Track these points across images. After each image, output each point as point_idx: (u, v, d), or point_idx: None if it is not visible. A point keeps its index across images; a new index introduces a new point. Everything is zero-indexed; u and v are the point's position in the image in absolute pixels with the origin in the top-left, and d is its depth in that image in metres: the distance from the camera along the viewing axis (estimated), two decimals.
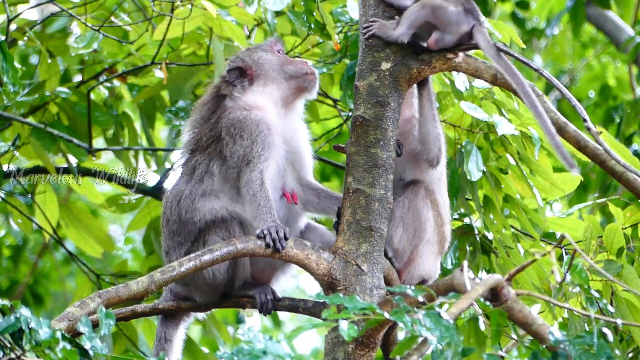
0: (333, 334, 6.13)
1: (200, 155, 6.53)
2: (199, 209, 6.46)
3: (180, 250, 6.49)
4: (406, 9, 6.37)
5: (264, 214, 6.28)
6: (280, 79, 6.63)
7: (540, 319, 5.30)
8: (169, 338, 6.67)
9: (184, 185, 6.52)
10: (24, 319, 5.08)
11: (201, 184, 6.49)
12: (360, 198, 6.31)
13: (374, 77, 6.39)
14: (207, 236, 6.42)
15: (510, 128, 7.02)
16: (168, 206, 6.55)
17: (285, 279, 6.70)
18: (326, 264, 6.24)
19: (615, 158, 5.85)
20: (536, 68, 6.16)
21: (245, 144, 6.41)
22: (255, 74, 6.62)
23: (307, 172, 6.66)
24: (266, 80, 6.62)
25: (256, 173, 6.37)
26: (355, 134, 6.38)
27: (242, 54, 6.73)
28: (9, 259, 12.31)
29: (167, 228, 6.55)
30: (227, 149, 6.45)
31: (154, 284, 5.96)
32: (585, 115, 5.90)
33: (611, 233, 6.94)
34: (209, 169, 6.49)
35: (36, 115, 9.10)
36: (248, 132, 6.43)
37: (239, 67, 6.62)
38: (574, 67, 14.65)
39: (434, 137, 6.59)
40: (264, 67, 6.63)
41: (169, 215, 6.54)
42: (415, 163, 6.69)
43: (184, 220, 6.47)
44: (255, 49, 6.75)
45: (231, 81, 6.60)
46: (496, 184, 7.33)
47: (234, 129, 6.46)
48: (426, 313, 5.03)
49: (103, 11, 8.81)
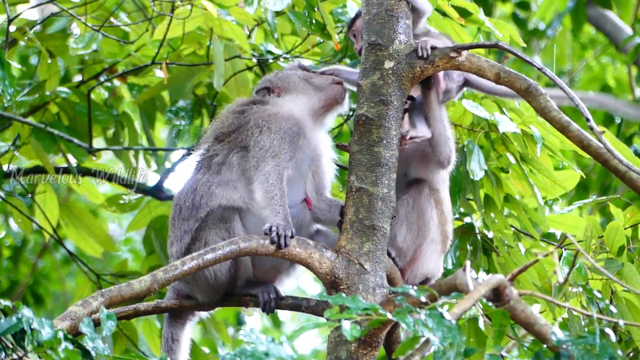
0: (336, 333, 6.13)
1: (220, 147, 6.55)
2: (215, 194, 6.46)
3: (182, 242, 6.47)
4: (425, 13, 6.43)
5: (277, 205, 6.28)
6: (308, 90, 6.67)
7: (542, 319, 5.29)
8: (176, 338, 6.67)
9: (202, 175, 6.53)
10: (26, 320, 5.07)
11: (218, 174, 6.50)
12: (363, 197, 6.31)
13: (377, 76, 6.39)
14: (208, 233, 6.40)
15: (511, 126, 7.02)
16: (183, 194, 6.54)
17: (289, 281, 6.71)
18: (329, 262, 6.24)
19: (618, 157, 5.85)
20: (539, 67, 6.16)
21: (273, 137, 6.43)
22: (283, 88, 6.68)
23: (327, 184, 6.69)
24: (296, 93, 6.67)
25: (279, 168, 6.37)
26: (359, 132, 6.38)
27: (268, 76, 6.81)
28: (9, 259, 12.31)
29: (179, 216, 6.53)
30: (252, 138, 6.46)
31: (157, 283, 5.94)
32: (588, 114, 5.89)
33: (612, 231, 6.95)
34: (228, 159, 6.50)
35: (36, 115, 9.10)
36: (277, 125, 6.47)
37: (267, 88, 6.71)
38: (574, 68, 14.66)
39: (445, 138, 6.57)
40: (290, 81, 6.69)
41: (182, 203, 6.53)
42: (422, 162, 6.68)
43: (197, 205, 6.46)
44: (280, 70, 6.88)
45: (261, 95, 6.69)
46: (497, 183, 7.33)
47: (262, 121, 6.49)
48: (428, 313, 5.03)
49: (103, 11, 8.81)
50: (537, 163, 7.17)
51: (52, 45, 9.12)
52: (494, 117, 7.07)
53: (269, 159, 6.40)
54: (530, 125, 7.09)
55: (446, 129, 6.59)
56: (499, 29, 7.45)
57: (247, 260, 6.47)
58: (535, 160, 7.16)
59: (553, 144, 7.13)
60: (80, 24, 8.62)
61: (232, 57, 8.43)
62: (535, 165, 7.18)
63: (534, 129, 7.05)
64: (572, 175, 7.48)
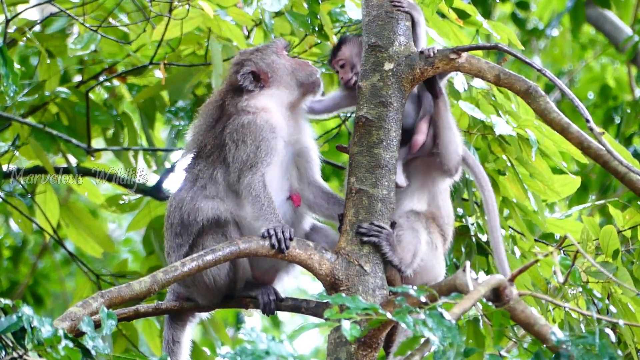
0: (335, 334, 6.13)
1: (204, 164, 6.52)
2: (201, 208, 6.44)
3: (179, 252, 6.48)
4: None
5: (268, 214, 6.27)
6: (292, 85, 6.60)
7: (542, 319, 5.30)
8: (177, 340, 6.67)
9: (186, 193, 6.51)
10: (26, 318, 5.07)
11: (204, 190, 6.48)
12: (363, 198, 6.31)
13: (377, 77, 6.39)
14: (206, 239, 6.40)
15: (507, 129, 7.01)
16: (172, 210, 6.54)
17: (288, 280, 6.70)
18: (329, 264, 6.24)
19: (618, 159, 5.85)
20: (539, 68, 6.16)
21: (249, 150, 6.40)
22: (270, 79, 6.59)
23: (315, 170, 6.64)
24: (279, 86, 6.59)
25: (258, 176, 6.36)
26: (358, 134, 6.38)
27: (254, 56, 6.65)
28: (9, 259, 12.31)
29: (171, 231, 6.54)
30: (230, 154, 6.43)
31: (157, 284, 5.94)
32: (587, 115, 5.90)
33: (607, 235, 6.95)
34: (212, 176, 6.48)
35: (36, 115, 9.09)
36: (252, 137, 6.41)
37: (253, 72, 6.60)
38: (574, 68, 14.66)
39: (455, 146, 6.50)
40: (278, 73, 6.60)
41: (172, 219, 6.53)
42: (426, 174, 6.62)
43: (185, 223, 6.46)
44: (266, 51, 6.69)
45: (245, 85, 6.58)
46: (494, 185, 7.31)
47: (237, 134, 6.44)
48: (428, 313, 5.03)
49: (102, 12, 8.80)
50: (532, 167, 7.15)
51: (51, 46, 9.12)
52: (490, 119, 7.06)
53: (247, 171, 6.37)
54: (526, 128, 7.07)
55: (455, 135, 6.51)
56: (497, 31, 7.46)
57: (245, 262, 6.47)
58: (530, 164, 7.14)
59: (549, 148, 7.12)
60: (79, 24, 8.61)
61: (230, 58, 8.42)
62: (529, 169, 7.17)
63: (529, 133, 7.04)
64: (572, 181, 7.46)
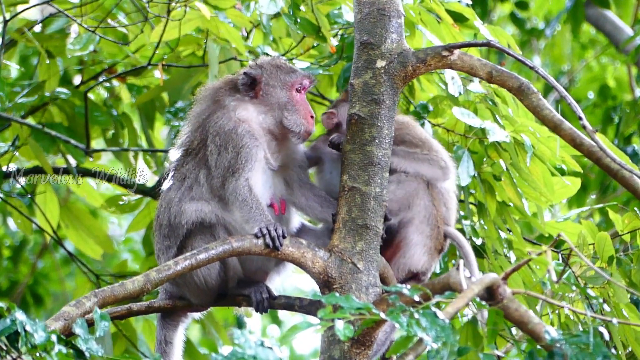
0: (329, 332, 6.13)
1: (191, 163, 6.51)
2: (186, 211, 6.43)
3: (168, 253, 6.48)
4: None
5: (258, 215, 6.27)
6: (277, 118, 6.50)
7: (536, 317, 5.29)
8: (169, 340, 6.67)
9: (174, 193, 6.50)
10: (20, 322, 5.08)
11: (190, 191, 6.48)
12: (356, 196, 6.31)
13: (369, 75, 6.40)
14: (194, 241, 6.40)
15: (502, 135, 6.99)
16: (161, 211, 6.55)
17: (280, 279, 6.70)
18: (322, 262, 6.25)
19: (611, 156, 5.85)
20: (532, 66, 6.16)
21: (230, 157, 6.36)
22: (261, 96, 6.52)
23: (307, 174, 6.62)
24: (266, 109, 6.50)
25: (242, 180, 6.34)
26: (351, 131, 6.38)
27: (267, 64, 6.57)
28: (9, 259, 12.32)
29: (159, 232, 6.55)
30: (212, 158, 6.41)
31: (150, 283, 5.95)
32: (580, 113, 5.90)
33: (601, 241, 6.94)
34: (197, 178, 6.47)
35: (36, 115, 9.11)
36: (232, 144, 6.37)
37: (255, 78, 6.53)
38: (573, 68, 14.65)
39: (428, 163, 6.65)
40: (268, 97, 6.51)
41: (161, 220, 6.54)
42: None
43: (173, 224, 6.46)
44: (281, 70, 6.57)
45: (239, 84, 6.56)
46: (490, 189, 7.31)
47: (219, 139, 6.40)
48: (422, 312, 5.03)
49: (101, 12, 8.81)
50: (525, 173, 7.13)
51: (51, 46, 9.13)
52: (485, 125, 7.04)
53: (230, 177, 6.35)
54: (521, 133, 7.06)
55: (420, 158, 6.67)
56: (496, 36, 7.43)
57: (235, 262, 6.47)
58: (524, 171, 7.12)
59: (544, 153, 7.11)
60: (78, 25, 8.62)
61: (228, 59, 8.43)
62: (523, 175, 7.14)
63: (525, 138, 7.03)
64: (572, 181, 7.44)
